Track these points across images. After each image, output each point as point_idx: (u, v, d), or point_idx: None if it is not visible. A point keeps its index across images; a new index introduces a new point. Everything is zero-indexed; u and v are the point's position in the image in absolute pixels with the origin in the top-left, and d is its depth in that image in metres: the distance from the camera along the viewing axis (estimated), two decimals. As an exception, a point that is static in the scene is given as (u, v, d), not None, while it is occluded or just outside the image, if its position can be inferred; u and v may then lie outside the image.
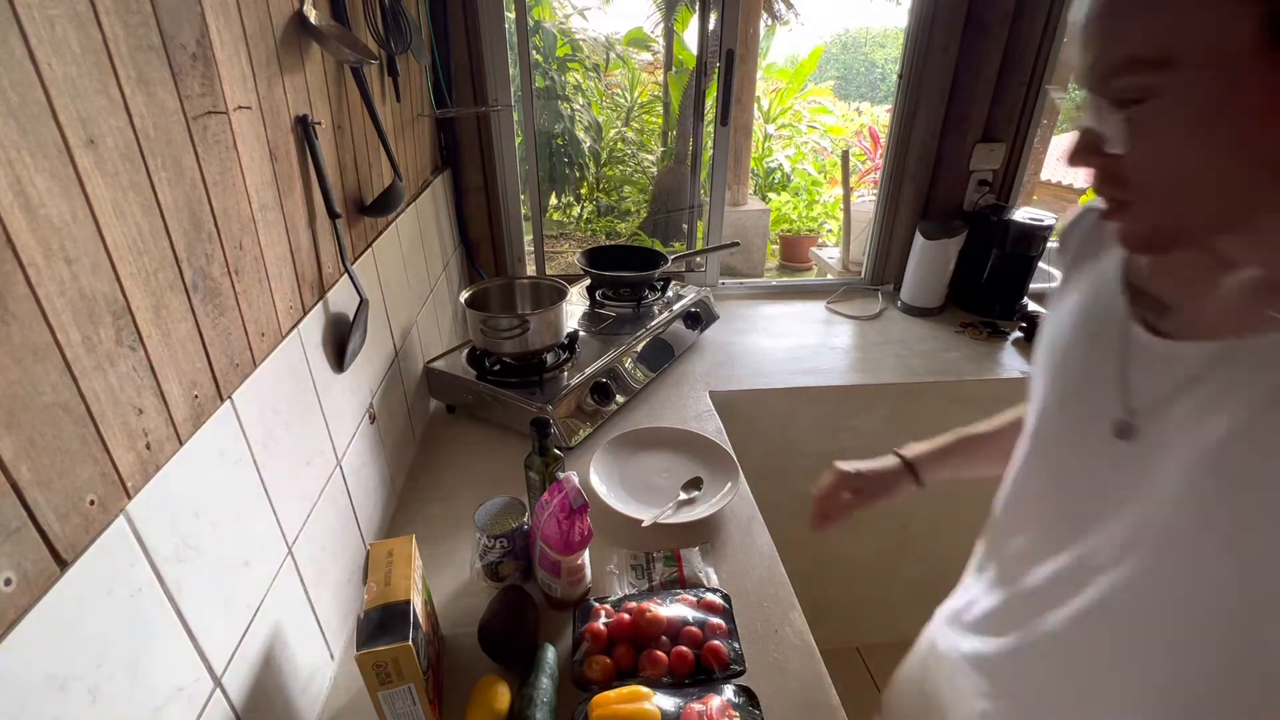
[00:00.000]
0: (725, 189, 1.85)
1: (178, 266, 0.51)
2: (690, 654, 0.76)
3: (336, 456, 0.82)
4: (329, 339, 0.81)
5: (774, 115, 6.63)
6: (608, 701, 0.69)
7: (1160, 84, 0.38)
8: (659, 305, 1.53)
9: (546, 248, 2.25)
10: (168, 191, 0.49)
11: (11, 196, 0.36)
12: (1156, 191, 0.42)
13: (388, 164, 1.03)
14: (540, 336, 1.19)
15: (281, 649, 0.65)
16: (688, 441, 1.18)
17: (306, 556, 0.71)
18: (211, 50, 0.56)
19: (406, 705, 0.64)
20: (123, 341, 0.44)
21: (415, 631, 0.64)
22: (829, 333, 1.74)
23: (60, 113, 0.39)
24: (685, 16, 5.08)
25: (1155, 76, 0.38)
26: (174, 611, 0.48)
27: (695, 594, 0.86)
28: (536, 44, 5.03)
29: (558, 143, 5.36)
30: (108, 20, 0.43)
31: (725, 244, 1.74)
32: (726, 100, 1.68)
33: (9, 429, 0.35)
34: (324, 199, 0.78)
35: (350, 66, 0.89)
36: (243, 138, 0.61)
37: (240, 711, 0.56)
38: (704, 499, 1.05)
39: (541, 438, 0.89)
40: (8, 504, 0.35)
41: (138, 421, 0.45)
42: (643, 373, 1.37)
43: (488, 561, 0.87)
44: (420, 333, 1.26)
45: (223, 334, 0.57)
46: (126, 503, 0.44)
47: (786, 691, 0.76)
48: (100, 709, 0.40)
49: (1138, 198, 0.43)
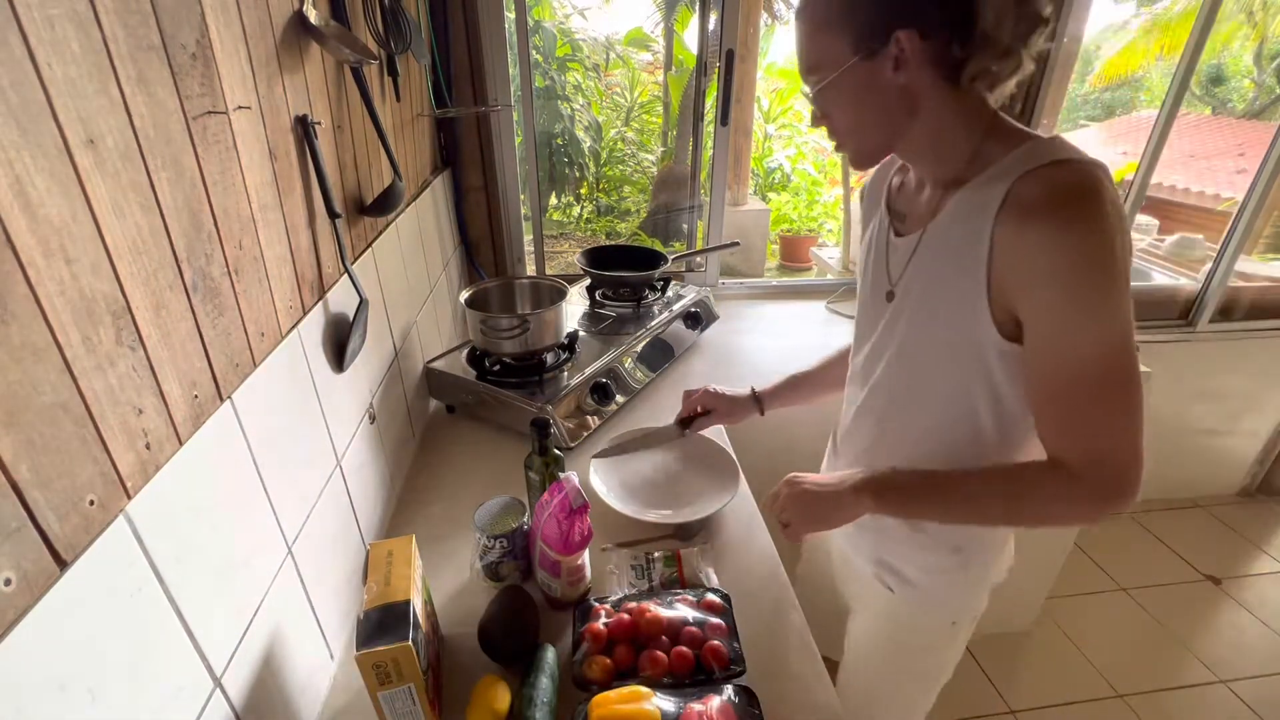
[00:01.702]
0: (725, 189, 1.85)
1: (178, 266, 0.51)
2: (690, 654, 0.76)
3: (336, 456, 0.82)
4: (329, 339, 0.81)
5: (774, 115, 6.63)
6: (608, 702, 0.69)
7: (820, 80, 0.69)
8: (659, 305, 1.53)
9: (546, 248, 2.25)
10: (168, 191, 0.49)
11: (11, 196, 0.36)
12: (846, 133, 0.73)
13: (388, 164, 1.03)
14: (540, 336, 1.19)
15: (281, 649, 0.65)
16: (688, 442, 1.18)
17: (306, 556, 0.71)
18: (211, 50, 0.56)
19: (406, 705, 0.64)
20: (122, 341, 0.44)
21: (415, 631, 0.64)
22: (829, 333, 1.74)
23: (60, 113, 0.39)
24: (685, 16, 5.08)
25: (819, 77, 0.69)
26: (174, 611, 0.48)
27: (695, 594, 0.86)
28: (536, 44, 5.02)
29: (558, 143, 5.36)
30: (108, 20, 0.43)
31: (725, 244, 1.74)
32: (726, 100, 1.68)
33: (9, 429, 0.35)
34: (324, 199, 0.78)
35: (350, 66, 0.89)
36: (243, 137, 0.61)
37: (240, 711, 0.56)
38: (704, 499, 1.05)
39: (541, 438, 0.89)
40: (7, 504, 0.35)
41: (137, 421, 0.45)
42: (643, 373, 1.37)
43: (488, 561, 0.87)
44: (420, 333, 1.26)
45: (222, 334, 0.57)
46: (126, 503, 0.44)
47: (786, 691, 0.76)
48: (100, 709, 0.40)
49: (842, 139, 0.74)
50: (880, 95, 0.67)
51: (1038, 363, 0.66)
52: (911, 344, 0.77)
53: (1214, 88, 9.51)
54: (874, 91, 0.67)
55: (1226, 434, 2.36)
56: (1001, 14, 0.61)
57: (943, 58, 0.64)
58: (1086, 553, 2.23)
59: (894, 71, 0.65)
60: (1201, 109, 8.97)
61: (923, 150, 0.72)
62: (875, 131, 0.72)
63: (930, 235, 0.72)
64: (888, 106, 0.68)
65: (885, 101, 0.68)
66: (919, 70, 0.65)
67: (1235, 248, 2.04)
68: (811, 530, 0.78)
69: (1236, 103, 9.22)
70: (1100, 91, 9.18)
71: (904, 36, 0.63)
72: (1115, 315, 0.61)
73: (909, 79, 0.65)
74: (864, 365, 0.85)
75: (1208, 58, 9.07)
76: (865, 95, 0.68)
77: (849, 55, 0.66)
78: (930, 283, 0.73)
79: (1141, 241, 2.90)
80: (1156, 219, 3.77)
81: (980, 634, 1.99)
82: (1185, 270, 2.40)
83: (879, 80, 0.66)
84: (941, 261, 0.71)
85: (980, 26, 0.61)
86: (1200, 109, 8.89)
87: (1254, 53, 8.43)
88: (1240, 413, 2.32)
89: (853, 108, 0.70)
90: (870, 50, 0.65)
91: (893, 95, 0.67)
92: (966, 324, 0.69)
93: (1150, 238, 3.10)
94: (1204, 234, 2.64)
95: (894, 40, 0.63)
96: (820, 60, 0.69)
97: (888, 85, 0.66)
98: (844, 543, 0.95)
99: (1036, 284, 0.62)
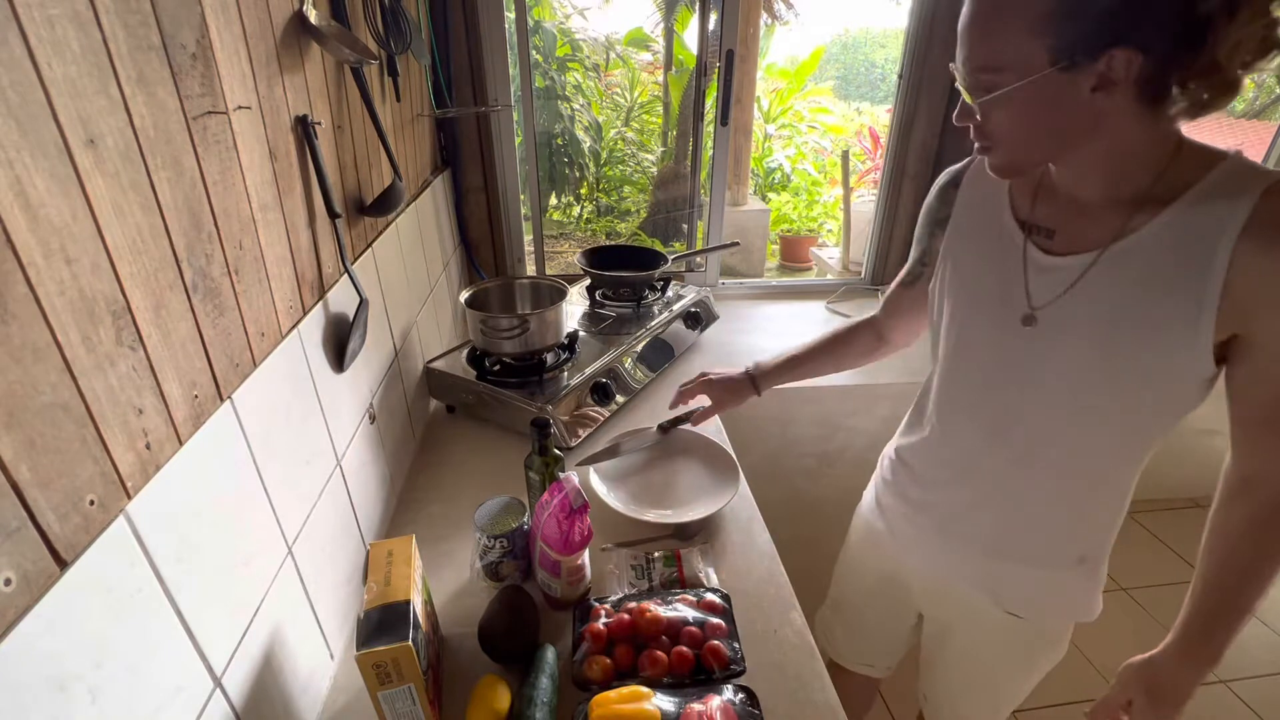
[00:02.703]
0: (725, 189, 1.85)
1: (178, 266, 0.51)
2: (690, 654, 0.76)
3: (336, 456, 0.82)
4: (329, 339, 0.81)
5: (774, 115, 6.62)
6: (608, 701, 0.69)
7: (997, 82, 0.61)
8: (659, 305, 1.53)
9: (546, 248, 2.25)
10: (168, 191, 0.49)
11: (11, 196, 0.36)
12: (1003, 141, 0.66)
13: (388, 164, 1.03)
14: (540, 336, 1.19)
15: (281, 649, 0.65)
16: (688, 441, 1.18)
17: (306, 556, 0.71)
18: (211, 50, 0.56)
19: (406, 705, 0.64)
20: (123, 341, 0.44)
21: (415, 631, 0.64)
22: (829, 333, 1.74)
23: (60, 113, 0.39)
24: (685, 16, 5.07)
25: (993, 77, 0.61)
26: (174, 611, 0.48)
27: (695, 594, 0.86)
28: (536, 44, 5.02)
29: (558, 143, 5.36)
30: (108, 20, 0.43)
31: (725, 244, 1.74)
32: (726, 100, 1.68)
33: (9, 429, 0.35)
34: (324, 199, 0.78)
35: (350, 66, 0.89)
36: (243, 138, 0.61)
37: (240, 711, 0.56)
38: (704, 499, 1.05)
39: (541, 438, 0.89)
40: (7, 504, 0.35)
41: (138, 421, 0.45)
42: (643, 373, 1.37)
43: (488, 561, 0.87)
44: (420, 333, 1.26)
45: (223, 334, 0.57)
46: (126, 503, 0.44)
47: (786, 691, 0.76)
48: (100, 709, 0.40)
49: (994, 144, 0.67)
50: (1065, 112, 0.60)
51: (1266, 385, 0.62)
52: (1074, 374, 0.70)
53: (1214, 88, 9.48)
54: (1059, 107, 0.60)
55: (1226, 434, 2.36)
56: (1242, 41, 0.53)
57: (1152, 81, 0.57)
58: (1086, 553, 2.23)
59: (1093, 91, 0.57)
60: (1201, 109, 8.89)
61: (1095, 168, 0.65)
62: (1041, 147, 0.65)
63: (1118, 257, 0.65)
64: (1069, 124, 0.61)
65: (1068, 119, 0.61)
66: (1123, 93, 0.57)
67: (1235, 248, 2.04)
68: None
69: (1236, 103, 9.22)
70: (1100, 91, 9.09)
71: (1119, 58, 0.55)
72: None
73: (1106, 103, 0.58)
74: (986, 395, 0.78)
75: (1208, 58, 9.03)
76: (1047, 109, 0.60)
77: (1044, 64, 0.57)
78: (1116, 308, 0.66)
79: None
80: (1156, 219, 3.75)
81: (980, 634, 1.98)
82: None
83: (1070, 96, 0.58)
84: (1140, 285, 0.64)
85: (1211, 53, 0.54)
86: (1200, 109, 8.81)
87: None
88: (1240, 413, 2.32)
89: (1025, 119, 0.62)
90: (1073, 63, 0.57)
91: (1080, 113, 0.59)
92: (1168, 351, 0.64)
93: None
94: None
95: (1107, 58, 0.55)
96: (1004, 61, 0.60)
97: (1079, 103, 0.58)
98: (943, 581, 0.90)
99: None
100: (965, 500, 0.83)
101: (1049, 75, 0.58)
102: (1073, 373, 0.70)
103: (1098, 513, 0.78)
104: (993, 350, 0.76)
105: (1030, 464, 0.77)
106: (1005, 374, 0.75)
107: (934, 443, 0.87)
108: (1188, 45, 0.54)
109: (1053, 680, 1.91)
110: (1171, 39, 0.55)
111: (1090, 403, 0.70)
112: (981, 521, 0.83)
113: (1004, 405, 0.76)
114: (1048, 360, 0.71)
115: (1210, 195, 0.60)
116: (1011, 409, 0.76)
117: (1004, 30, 0.59)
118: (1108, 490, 0.76)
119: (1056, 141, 0.64)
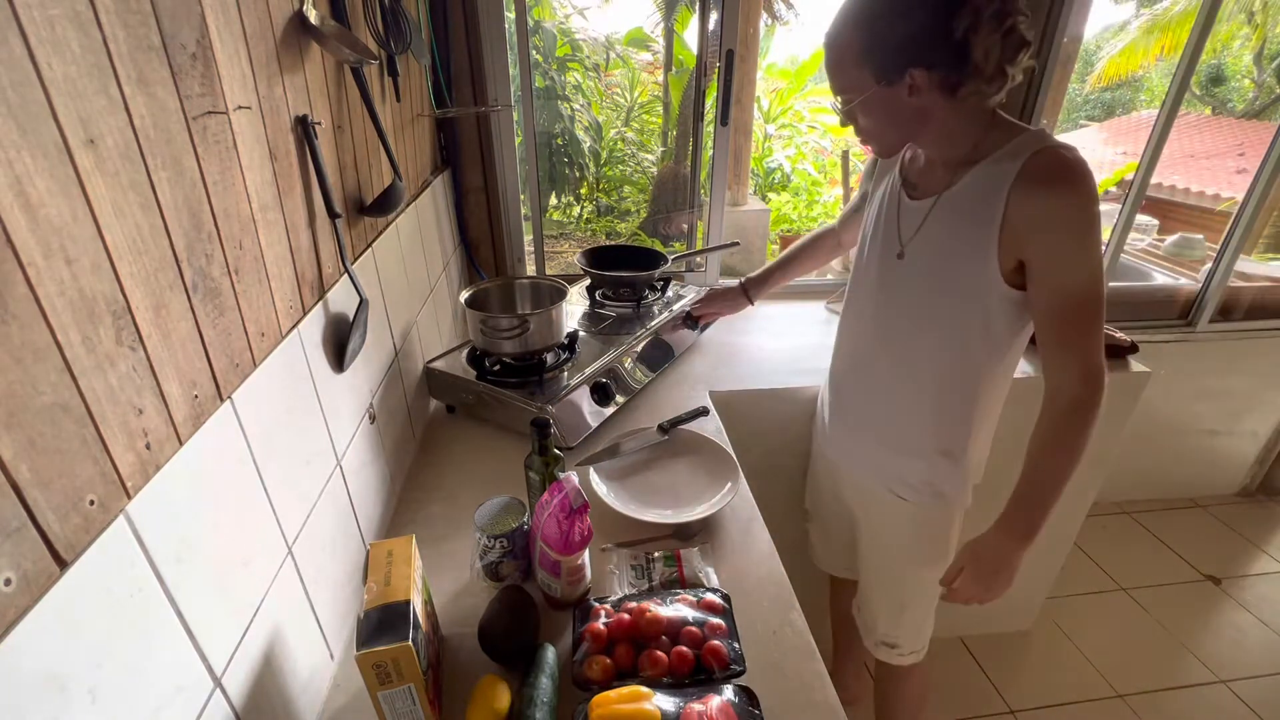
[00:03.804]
0: (725, 189, 1.85)
1: (178, 266, 0.51)
2: (690, 654, 0.76)
3: (336, 456, 0.82)
4: (329, 339, 0.81)
5: (774, 115, 6.63)
6: (608, 701, 0.69)
7: (850, 99, 0.88)
8: (659, 305, 1.53)
9: (546, 248, 2.25)
10: (168, 191, 0.49)
11: (11, 196, 0.36)
12: (872, 135, 0.92)
13: (388, 164, 1.03)
14: (540, 336, 1.19)
15: (281, 649, 0.65)
16: (688, 441, 1.18)
17: (306, 556, 0.71)
18: (211, 50, 0.56)
19: (406, 705, 0.64)
20: (123, 341, 0.44)
21: (415, 631, 0.64)
22: (829, 332, 1.72)
23: (60, 113, 0.39)
24: (685, 16, 5.08)
25: (848, 96, 0.88)
26: (174, 611, 0.48)
27: (695, 594, 0.86)
28: (536, 44, 5.02)
29: (558, 143, 5.36)
30: (108, 20, 0.43)
31: (725, 244, 1.74)
32: (726, 100, 1.68)
33: (9, 429, 0.35)
34: (324, 199, 0.78)
35: (350, 66, 0.89)
36: (243, 138, 0.61)
37: (240, 711, 0.56)
38: (704, 499, 1.05)
39: (541, 438, 0.89)
40: (7, 504, 0.35)
41: (138, 421, 0.45)
42: (643, 373, 1.37)
43: (488, 561, 0.87)
44: (420, 333, 1.26)
45: (223, 334, 0.57)
46: (126, 503, 0.44)
47: (786, 691, 0.76)
48: (100, 709, 0.40)
49: (868, 138, 0.93)
50: (898, 111, 0.87)
51: (1044, 290, 0.85)
52: (923, 291, 0.96)
53: (1214, 88, 9.52)
54: (893, 109, 0.87)
55: (1226, 434, 2.36)
56: (989, 49, 0.79)
57: (945, 83, 0.83)
58: (1086, 553, 2.23)
59: (909, 96, 0.84)
60: (1201, 109, 8.97)
61: (935, 141, 0.92)
62: (894, 135, 0.93)
63: (945, 200, 0.91)
64: (904, 118, 0.88)
65: (902, 115, 0.87)
66: (928, 93, 0.84)
67: (1235, 248, 2.04)
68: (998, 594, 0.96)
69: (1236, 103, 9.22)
70: (1100, 91, 9.18)
71: (917, 74, 0.82)
72: (1097, 255, 0.82)
73: (921, 100, 0.84)
74: (874, 313, 1.04)
75: (1208, 58, 9.09)
76: (886, 111, 0.88)
77: (872, 84, 0.85)
78: (944, 239, 0.92)
79: (1141, 241, 2.89)
80: (1156, 219, 3.76)
81: (980, 634, 1.99)
82: (1185, 270, 2.40)
83: (896, 101, 0.85)
84: (956, 221, 0.90)
85: (973, 60, 0.79)
86: (1200, 109, 8.89)
87: (1254, 53, 8.44)
88: (1240, 413, 2.32)
89: (878, 120, 0.89)
90: (890, 81, 0.83)
91: (908, 111, 0.86)
92: (975, 271, 0.89)
93: (1150, 238, 3.09)
94: (1204, 234, 2.64)
95: (910, 75, 0.82)
96: (849, 86, 0.88)
97: (904, 105, 0.85)
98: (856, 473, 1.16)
99: (1043, 229, 0.82)
100: (863, 398, 1.11)
101: (878, 91, 0.85)
102: (924, 291, 0.96)
103: (953, 409, 1.00)
104: (878, 279, 1.02)
105: (903, 367, 1.02)
106: (885, 294, 1.02)
107: (844, 353, 1.16)
108: (958, 57, 0.79)
109: (1053, 680, 1.90)
110: (946, 55, 0.80)
111: (936, 314, 0.96)
112: (875, 415, 1.09)
113: (886, 319, 1.03)
114: (911, 282, 0.97)
115: (1002, 157, 0.85)
116: (891, 322, 1.02)
117: (843, 66, 0.87)
118: (958, 393, 0.99)
119: (902, 130, 0.91)
